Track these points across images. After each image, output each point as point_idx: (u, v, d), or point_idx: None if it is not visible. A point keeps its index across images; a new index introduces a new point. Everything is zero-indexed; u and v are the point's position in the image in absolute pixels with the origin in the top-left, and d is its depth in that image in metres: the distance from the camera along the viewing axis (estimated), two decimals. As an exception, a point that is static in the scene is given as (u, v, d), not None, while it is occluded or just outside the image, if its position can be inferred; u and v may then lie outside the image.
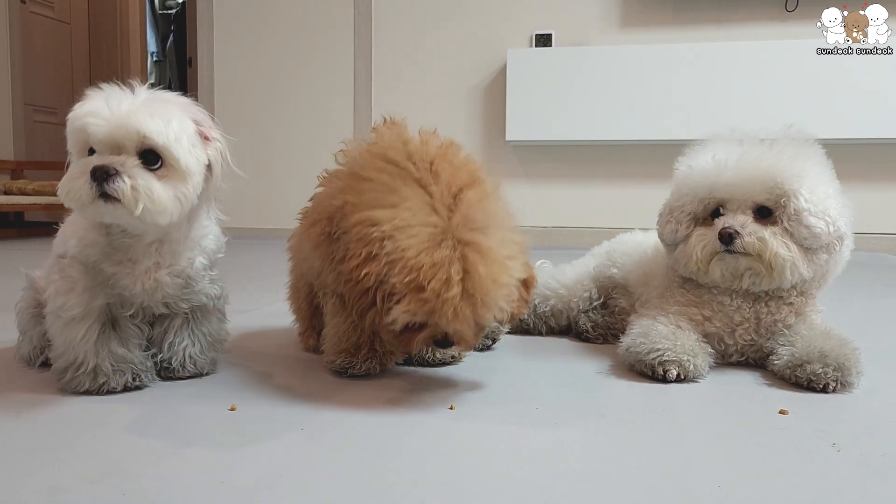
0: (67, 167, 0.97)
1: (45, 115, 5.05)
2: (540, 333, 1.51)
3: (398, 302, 0.92)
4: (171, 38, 6.39)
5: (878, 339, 1.50)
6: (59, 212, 1.09)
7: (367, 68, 4.04)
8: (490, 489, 0.72)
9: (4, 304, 1.29)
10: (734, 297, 1.19)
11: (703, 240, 1.16)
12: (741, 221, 1.13)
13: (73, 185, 0.92)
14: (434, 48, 3.94)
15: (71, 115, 0.94)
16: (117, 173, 0.91)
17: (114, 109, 0.92)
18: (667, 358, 1.11)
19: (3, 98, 4.62)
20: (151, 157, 0.94)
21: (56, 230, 1.08)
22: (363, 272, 0.94)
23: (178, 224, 1.02)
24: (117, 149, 0.93)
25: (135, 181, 0.91)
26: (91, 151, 0.95)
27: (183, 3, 5.96)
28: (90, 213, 0.95)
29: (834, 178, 1.19)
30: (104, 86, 0.96)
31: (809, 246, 1.13)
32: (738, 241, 1.12)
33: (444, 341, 0.99)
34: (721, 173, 1.15)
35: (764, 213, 1.15)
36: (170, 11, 6.46)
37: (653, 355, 1.13)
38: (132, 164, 0.92)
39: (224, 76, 4.22)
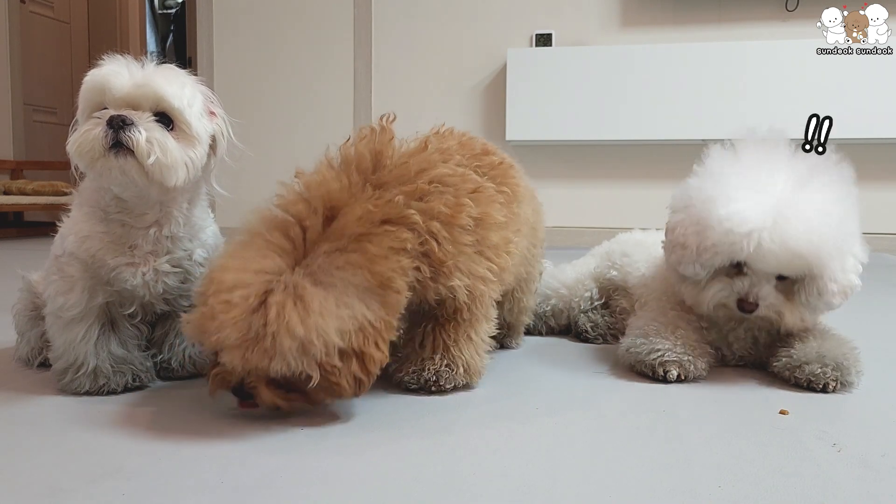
0: (73, 128, 0.99)
1: (44, 115, 5.05)
2: (540, 333, 1.51)
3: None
4: (170, 37, 6.39)
5: (878, 338, 1.50)
6: (58, 211, 1.09)
7: (367, 68, 4.04)
8: (490, 489, 0.72)
9: (3, 304, 1.29)
10: (731, 322, 1.19)
11: (721, 294, 1.12)
12: (765, 293, 1.09)
13: (86, 137, 0.94)
14: (434, 48, 3.94)
15: (89, 75, 0.97)
16: (134, 123, 0.93)
17: (133, 71, 0.97)
18: (667, 358, 1.11)
19: (3, 98, 4.62)
20: (164, 120, 0.97)
21: (56, 230, 1.08)
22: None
23: (180, 200, 1.03)
24: (133, 107, 0.96)
25: (150, 133, 0.94)
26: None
27: (183, 2, 5.96)
28: (99, 168, 0.96)
29: (857, 214, 1.13)
30: (118, 56, 0.99)
31: (822, 311, 1.14)
32: (755, 311, 1.10)
33: (240, 389, 0.90)
34: (750, 239, 1.05)
35: (784, 277, 1.11)
36: (169, 11, 6.46)
37: (653, 356, 1.13)
38: (147, 118, 0.95)
39: (224, 76, 4.22)
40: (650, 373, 1.13)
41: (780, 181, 1.09)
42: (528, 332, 1.51)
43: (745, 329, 1.19)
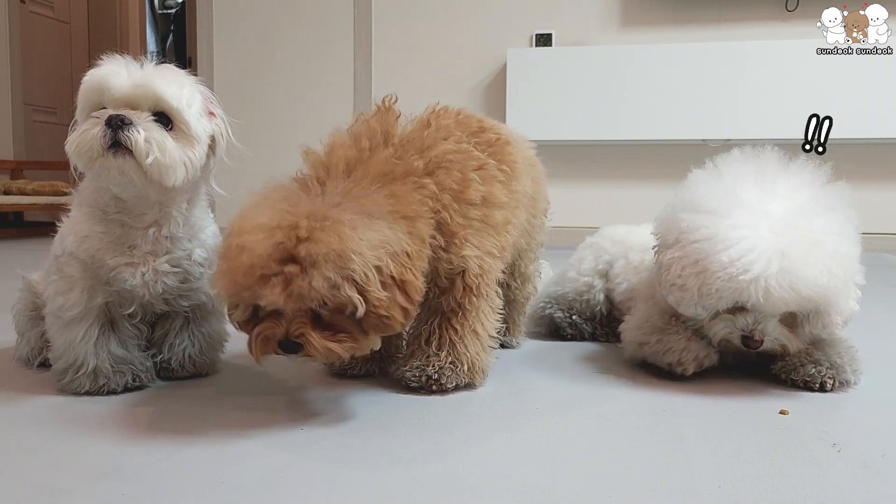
0: (72, 128, 0.99)
1: (44, 115, 5.04)
2: (574, 337, 1.47)
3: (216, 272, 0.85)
4: (170, 37, 6.39)
5: (878, 338, 1.50)
6: (58, 211, 1.09)
7: (367, 68, 4.04)
8: (490, 489, 0.72)
9: (3, 304, 1.29)
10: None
11: (725, 332, 1.09)
12: (770, 330, 1.06)
13: (85, 137, 0.94)
14: (434, 48, 3.94)
15: (88, 75, 0.97)
16: (132, 123, 0.93)
17: (132, 71, 0.97)
18: (684, 358, 1.10)
19: (3, 98, 4.62)
20: (163, 120, 0.97)
21: (56, 230, 1.08)
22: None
23: (179, 200, 1.03)
24: (132, 107, 0.96)
25: (149, 133, 0.94)
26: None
27: (182, 2, 5.96)
28: (97, 168, 0.96)
29: (857, 237, 1.08)
30: (117, 56, 0.99)
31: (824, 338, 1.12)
32: (760, 346, 1.07)
33: (287, 342, 0.86)
34: (757, 285, 0.99)
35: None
36: (169, 11, 6.46)
37: (669, 357, 1.12)
38: (146, 118, 0.95)
39: (224, 76, 4.22)
40: (666, 368, 1.12)
41: (779, 209, 1.04)
42: (560, 334, 1.50)
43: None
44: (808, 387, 1.07)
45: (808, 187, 1.08)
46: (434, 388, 1.05)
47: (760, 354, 1.15)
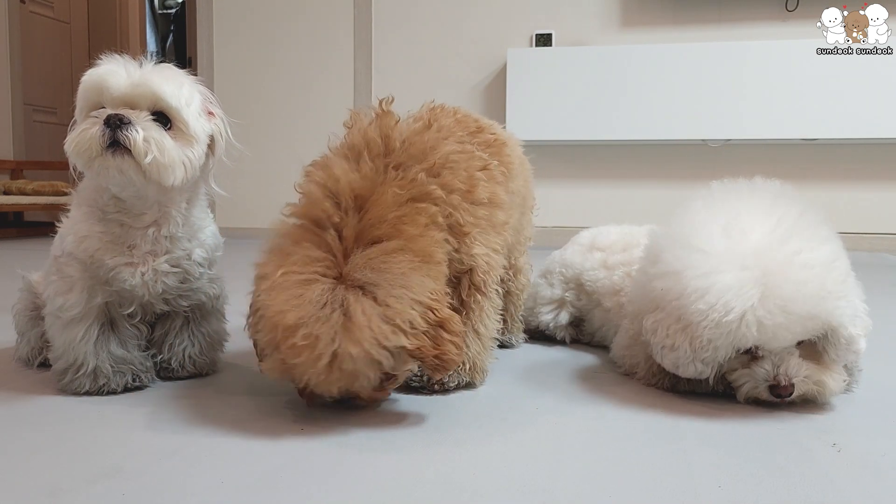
0: (71, 127, 0.99)
1: (44, 115, 5.05)
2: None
3: (262, 360, 0.90)
4: (170, 37, 6.39)
5: (877, 338, 1.49)
6: (58, 211, 1.09)
7: (367, 68, 4.04)
8: (490, 489, 0.72)
9: (3, 304, 1.29)
10: None
11: (748, 388, 0.99)
12: (794, 369, 0.96)
13: (84, 136, 0.94)
14: (434, 48, 3.94)
15: (87, 75, 0.97)
16: (131, 122, 0.93)
17: (131, 71, 0.97)
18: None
19: (3, 98, 4.62)
20: (162, 119, 0.97)
21: (56, 230, 1.08)
22: (250, 325, 0.94)
23: (178, 200, 1.03)
24: (130, 107, 0.96)
25: (148, 133, 0.94)
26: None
27: (182, 2, 5.96)
28: (96, 167, 0.96)
29: (844, 254, 1.00)
30: (116, 56, 0.99)
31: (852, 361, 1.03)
32: (794, 393, 0.97)
33: (343, 399, 0.95)
34: (746, 321, 0.92)
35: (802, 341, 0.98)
36: (169, 11, 6.46)
37: (706, 387, 1.06)
38: (145, 117, 0.95)
39: (224, 76, 4.22)
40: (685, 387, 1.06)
41: (745, 245, 0.96)
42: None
43: None
44: None
45: (772, 214, 1.00)
46: (436, 388, 1.05)
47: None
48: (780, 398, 0.97)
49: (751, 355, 0.99)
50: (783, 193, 1.05)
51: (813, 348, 0.99)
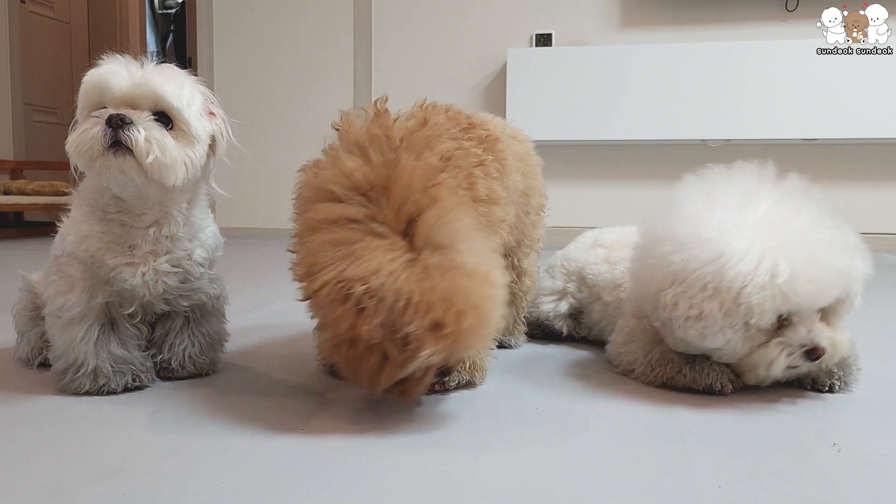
0: (72, 128, 0.99)
1: (44, 115, 5.05)
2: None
3: (417, 347, 0.83)
4: (170, 37, 6.39)
5: (877, 338, 1.50)
6: (58, 211, 1.09)
7: (367, 68, 4.04)
8: (490, 489, 0.72)
9: (3, 304, 1.29)
10: None
11: (788, 358, 1.00)
12: (820, 332, 0.98)
13: (85, 136, 0.94)
14: (434, 48, 3.94)
15: (88, 75, 0.97)
16: (132, 122, 0.94)
17: (132, 71, 0.97)
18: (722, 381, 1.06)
19: (3, 98, 4.62)
20: (163, 120, 0.97)
21: (56, 230, 1.08)
22: (362, 329, 0.83)
23: (179, 200, 1.03)
24: (132, 107, 0.96)
25: (149, 133, 0.94)
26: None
27: (182, 2, 5.96)
28: (98, 167, 0.96)
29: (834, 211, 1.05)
30: (117, 56, 0.99)
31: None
32: (824, 354, 0.99)
33: (446, 370, 0.94)
34: (795, 286, 0.94)
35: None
36: (169, 11, 6.46)
37: (706, 379, 1.07)
38: (146, 117, 0.96)
39: (224, 76, 4.22)
40: (701, 390, 1.06)
41: (770, 208, 1.00)
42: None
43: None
44: (815, 388, 1.07)
45: (777, 188, 1.04)
46: (437, 387, 1.05)
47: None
48: (811, 360, 0.99)
49: (779, 323, 0.99)
50: (764, 174, 1.07)
51: (827, 314, 1.02)
